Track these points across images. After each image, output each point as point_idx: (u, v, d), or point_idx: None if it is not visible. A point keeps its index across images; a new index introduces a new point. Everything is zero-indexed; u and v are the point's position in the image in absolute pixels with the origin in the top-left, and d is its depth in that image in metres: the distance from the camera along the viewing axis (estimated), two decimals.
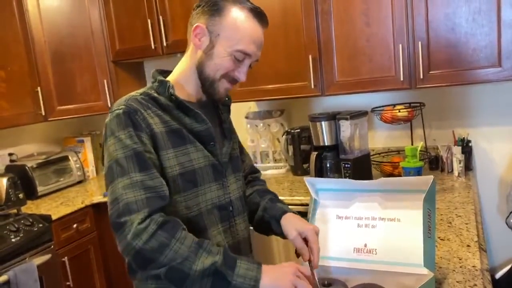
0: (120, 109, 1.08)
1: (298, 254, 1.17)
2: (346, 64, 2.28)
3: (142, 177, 1.02)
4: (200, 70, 1.16)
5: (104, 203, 2.66)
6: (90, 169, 3.22)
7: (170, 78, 1.21)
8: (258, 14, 1.14)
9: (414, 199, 1.13)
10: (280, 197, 2.19)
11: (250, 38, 1.13)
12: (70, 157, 3.00)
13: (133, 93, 1.15)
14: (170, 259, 0.97)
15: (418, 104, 2.33)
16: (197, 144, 1.15)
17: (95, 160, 3.27)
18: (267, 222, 1.28)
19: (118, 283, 2.76)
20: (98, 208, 2.68)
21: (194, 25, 1.14)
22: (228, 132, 1.29)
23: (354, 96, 2.52)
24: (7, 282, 2.02)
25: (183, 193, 1.11)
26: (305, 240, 1.16)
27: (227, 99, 1.31)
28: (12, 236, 2.15)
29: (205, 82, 1.17)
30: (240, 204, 1.26)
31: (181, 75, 1.20)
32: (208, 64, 1.15)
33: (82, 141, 3.20)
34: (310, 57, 2.32)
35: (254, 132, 2.81)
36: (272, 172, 2.73)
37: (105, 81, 2.87)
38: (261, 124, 2.78)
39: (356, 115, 2.25)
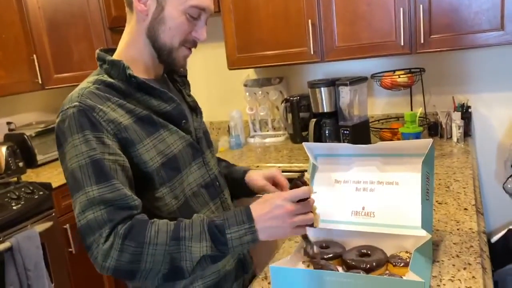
0: (74, 106, 0.93)
1: (304, 236, 1.02)
2: (346, 29, 2.25)
3: (99, 190, 0.89)
4: (153, 39, 1.02)
5: None
6: None
7: (118, 56, 1.05)
8: None
9: (413, 162, 1.13)
10: (279, 165, 2.23)
11: None
12: None
13: (84, 85, 1.00)
14: (153, 262, 0.87)
15: (418, 70, 2.31)
16: (170, 126, 1.04)
17: None
18: (232, 186, 1.23)
19: None
20: None
21: None
22: (194, 106, 1.19)
23: (354, 62, 2.49)
24: (10, 249, 2.05)
25: (168, 183, 1.02)
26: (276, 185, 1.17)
27: (181, 69, 1.18)
28: (13, 204, 2.17)
29: (162, 52, 1.04)
30: (222, 178, 1.21)
31: (131, 50, 1.05)
32: (162, 30, 1.01)
33: None
34: (309, 22, 2.28)
35: (253, 100, 2.79)
36: (271, 140, 2.73)
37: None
38: (260, 92, 2.75)
39: (355, 81, 2.23)
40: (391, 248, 1.10)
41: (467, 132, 2.31)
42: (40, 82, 2.72)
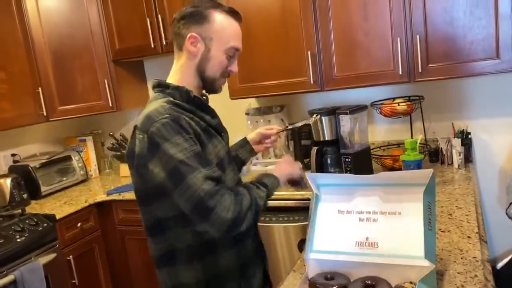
0: (166, 118, 1.20)
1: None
2: (344, 59, 2.30)
3: (208, 171, 1.18)
4: (201, 73, 1.33)
5: (107, 202, 2.69)
6: (93, 168, 3.24)
7: (175, 84, 1.34)
8: (235, 13, 1.34)
9: (414, 192, 1.15)
10: (281, 192, 2.24)
11: (236, 34, 1.34)
12: (72, 157, 3.02)
13: (159, 104, 1.25)
14: (247, 213, 1.22)
15: (417, 98, 2.35)
16: (217, 136, 1.36)
17: (97, 159, 3.29)
18: (236, 155, 1.61)
19: (123, 281, 2.78)
20: (101, 207, 2.70)
21: (188, 35, 1.29)
22: (222, 125, 1.46)
23: (353, 91, 2.53)
24: (14, 282, 2.05)
25: None
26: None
27: (205, 98, 1.44)
28: (18, 236, 2.18)
29: (207, 82, 1.35)
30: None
31: (183, 80, 1.33)
32: (208, 66, 1.32)
33: (84, 141, 3.22)
34: (308, 53, 2.33)
35: (255, 128, 2.82)
36: (273, 167, 2.74)
37: (105, 80, 2.88)
38: (262, 120, 2.79)
39: (355, 109, 2.26)
40: (395, 279, 1.10)
41: (468, 158, 2.33)
42: (44, 114, 2.77)
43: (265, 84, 2.50)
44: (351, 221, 1.21)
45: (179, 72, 1.34)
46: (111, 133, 3.14)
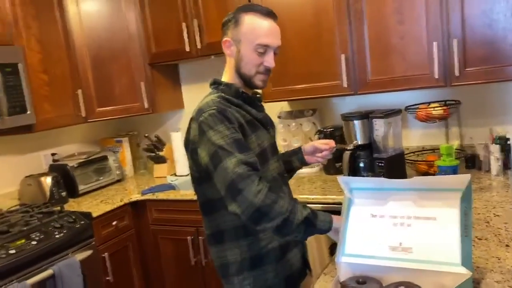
0: (213, 109, 1.35)
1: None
2: (379, 63, 2.27)
3: (244, 157, 1.29)
4: (238, 71, 1.46)
5: (142, 201, 2.75)
6: (128, 168, 3.33)
7: (227, 81, 1.49)
8: (265, 12, 1.43)
9: (450, 198, 1.13)
10: (313, 196, 2.24)
11: (264, 32, 1.41)
12: (109, 157, 3.11)
13: (210, 98, 1.43)
14: (278, 212, 1.26)
15: (454, 102, 2.29)
16: (262, 128, 1.48)
17: (132, 160, 3.38)
18: (289, 161, 1.70)
19: (155, 279, 2.84)
20: (136, 206, 2.77)
21: (223, 40, 1.46)
22: (270, 119, 1.60)
23: (386, 95, 2.50)
24: (53, 276, 2.12)
25: (261, 166, 1.38)
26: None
27: (258, 95, 1.57)
28: (56, 233, 2.26)
29: (244, 79, 1.46)
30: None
31: (230, 79, 1.49)
32: (242, 65, 1.44)
33: (120, 141, 3.31)
34: (343, 56, 2.33)
35: (286, 131, 2.84)
36: (305, 171, 2.74)
37: (142, 83, 2.96)
38: (293, 124, 2.80)
39: (390, 113, 2.24)
40: (429, 285, 1.08)
41: (506, 165, 2.25)
42: (83, 115, 2.86)
43: (297, 88, 2.50)
44: (384, 225, 1.20)
45: (227, 72, 1.51)
46: (146, 135, 3.21)
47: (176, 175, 2.99)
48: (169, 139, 3.08)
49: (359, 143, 2.31)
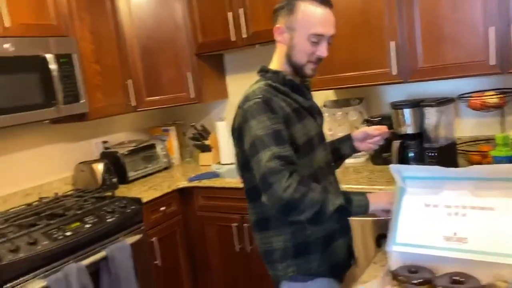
0: (258, 98, 1.36)
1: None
2: (430, 50, 2.19)
3: (279, 150, 1.29)
4: (289, 59, 1.44)
5: (189, 188, 2.81)
6: (175, 156, 3.41)
7: (274, 68, 1.48)
8: (322, 0, 1.39)
9: (509, 187, 1.08)
10: (359, 186, 2.21)
11: (319, 21, 1.38)
12: (156, 145, 3.20)
13: (257, 86, 1.43)
14: (308, 206, 1.27)
15: (511, 90, 2.19)
16: (309, 117, 1.47)
17: (179, 148, 3.46)
18: (337, 148, 1.69)
19: (201, 264, 2.90)
20: (183, 193, 2.84)
21: (276, 26, 1.44)
22: (318, 108, 1.58)
23: (437, 83, 2.41)
24: (105, 258, 2.22)
25: (307, 156, 1.42)
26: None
27: (306, 83, 1.55)
28: (108, 217, 2.35)
29: (295, 68, 1.45)
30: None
31: (279, 66, 1.48)
32: (294, 54, 1.43)
33: (168, 130, 3.39)
34: (392, 43, 2.26)
35: (332, 120, 2.80)
36: (350, 161, 2.70)
37: (188, 73, 3.01)
38: (339, 113, 2.76)
39: (442, 101, 2.16)
40: (485, 276, 1.05)
41: None
42: (133, 104, 2.95)
43: (344, 76, 2.46)
44: (438, 215, 1.18)
45: (276, 59, 1.49)
46: (192, 124, 3.27)
47: (221, 163, 3.04)
48: (214, 128, 3.13)
49: (409, 132, 2.25)
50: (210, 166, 3.07)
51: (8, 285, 1.90)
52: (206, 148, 3.24)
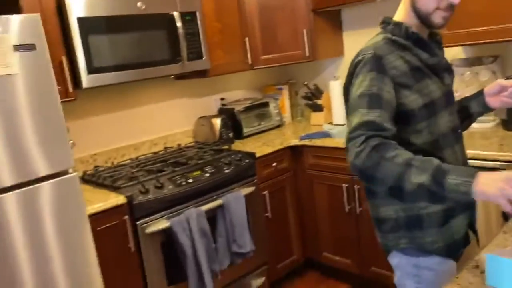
0: (370, 54, 1.27)
1: (504, 216, 1.08)
2: None
3: (368, 114, 1.20)
4: (414, 8, 1.31)
5: (299, 146, 2.85)
6: (287, 115, 3.45)
7: (396, 20, 1.36)
8: None
9: None
10: (488, 153, 2.03)
11: None
12: (270, 103, 3.26)
13: (375, 40, 1.33)
14: (384, 176, 1.13)
15: None
16: (433, 76, 1.33)
17: (291, 107, 3.49)
18: (465, 107, 1.52)
19: (309, 221, 2.96)
20: (294, 150, 2.88)
21: None
22: (448, 65, 1.42)
23: None
24: (221, 206, 2.37)
25: (427, 120, 1.29)
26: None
27: (437, 37, 1.43)
28: (225, 168, 2.49)
29: (420, 16, 1.30)
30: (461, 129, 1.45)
31: (403, 18, 1.35)
32: (418, 1, 1.29)
33: (281, 89, 3.43)
34: None
35: (459, 81, 2.57)
36: (477, 125, 2.47)
37: (304, 30, 2.97)
38: (468, 72, 2.52)
39: None
40: None
41: None
42: (249, 62, 3.02)
43: (477, 30, 2.22)
44: None
45: (401, 10, 1.36)
46: (305, 83, 3.26)
47: (333, 123, 3.00)
48: (327, 87, 3.08)
49: None
50: (321, 126, 3.05)
51: (138, 222, 2.14)
52: (318, 108, 3.22)
